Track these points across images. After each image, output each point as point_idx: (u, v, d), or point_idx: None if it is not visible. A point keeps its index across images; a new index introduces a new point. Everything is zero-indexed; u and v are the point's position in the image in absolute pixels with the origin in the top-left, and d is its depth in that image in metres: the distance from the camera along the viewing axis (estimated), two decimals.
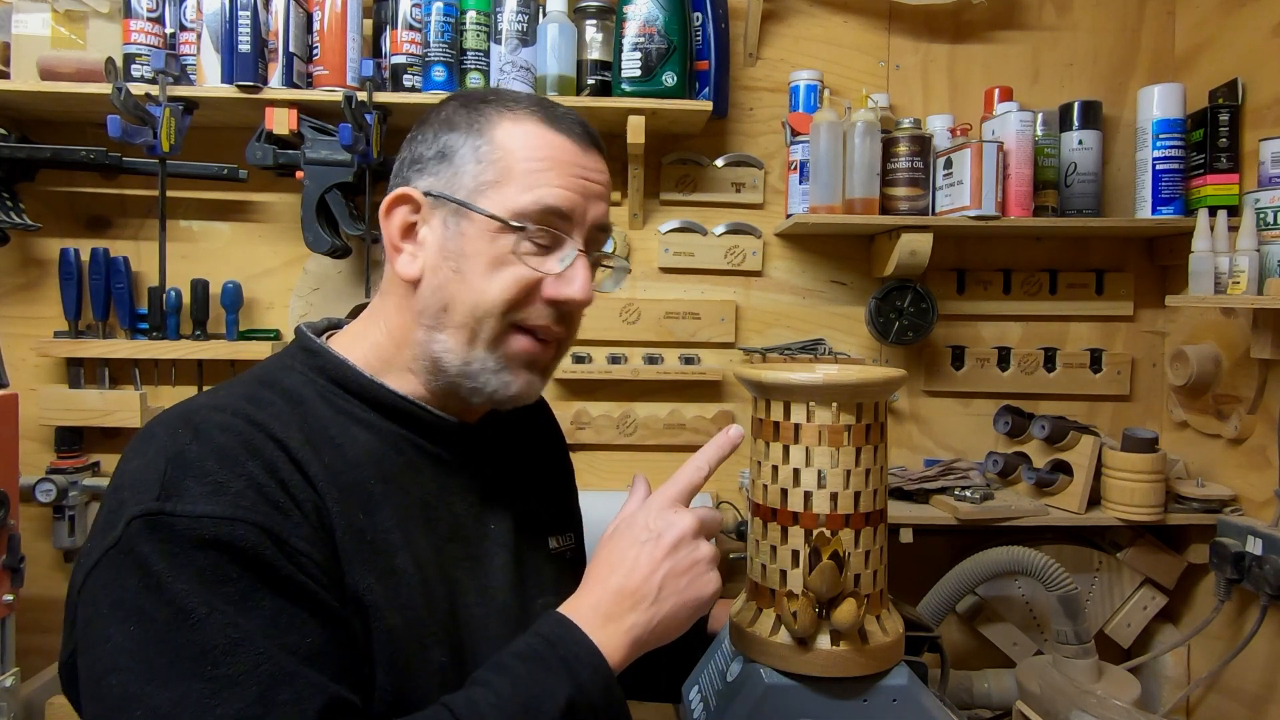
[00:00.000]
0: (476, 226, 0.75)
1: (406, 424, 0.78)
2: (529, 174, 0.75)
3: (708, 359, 1.69)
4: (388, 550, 0.71)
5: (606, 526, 0.78)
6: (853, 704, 0.81)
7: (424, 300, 0.77)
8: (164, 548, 0.60)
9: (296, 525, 0.64)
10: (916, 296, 1.66)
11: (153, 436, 0.66)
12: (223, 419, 0.67)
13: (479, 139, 0.76)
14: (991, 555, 1.46)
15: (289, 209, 1.63)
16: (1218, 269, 1.40)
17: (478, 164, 0.75)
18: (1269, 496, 1.45)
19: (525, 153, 0.75)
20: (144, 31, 1.48)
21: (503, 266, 0.75)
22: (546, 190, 0.75)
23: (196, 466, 0.63)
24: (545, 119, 0.77)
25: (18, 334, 1.59)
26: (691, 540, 0.74)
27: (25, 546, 1.36)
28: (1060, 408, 1.71)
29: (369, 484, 0.72)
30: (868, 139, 1.52)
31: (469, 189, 0.75)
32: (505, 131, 0.76)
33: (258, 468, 0.65)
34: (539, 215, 0.75)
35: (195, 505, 0.61)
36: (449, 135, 0.77)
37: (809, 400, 0.82)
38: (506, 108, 0.78)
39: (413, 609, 0.70)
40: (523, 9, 1.51)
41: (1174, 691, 1.60)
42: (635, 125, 1.51)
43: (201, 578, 0.59)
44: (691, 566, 0.73)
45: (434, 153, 0.77)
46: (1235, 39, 1.56)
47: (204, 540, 0.60)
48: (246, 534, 0.61)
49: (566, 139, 0.77)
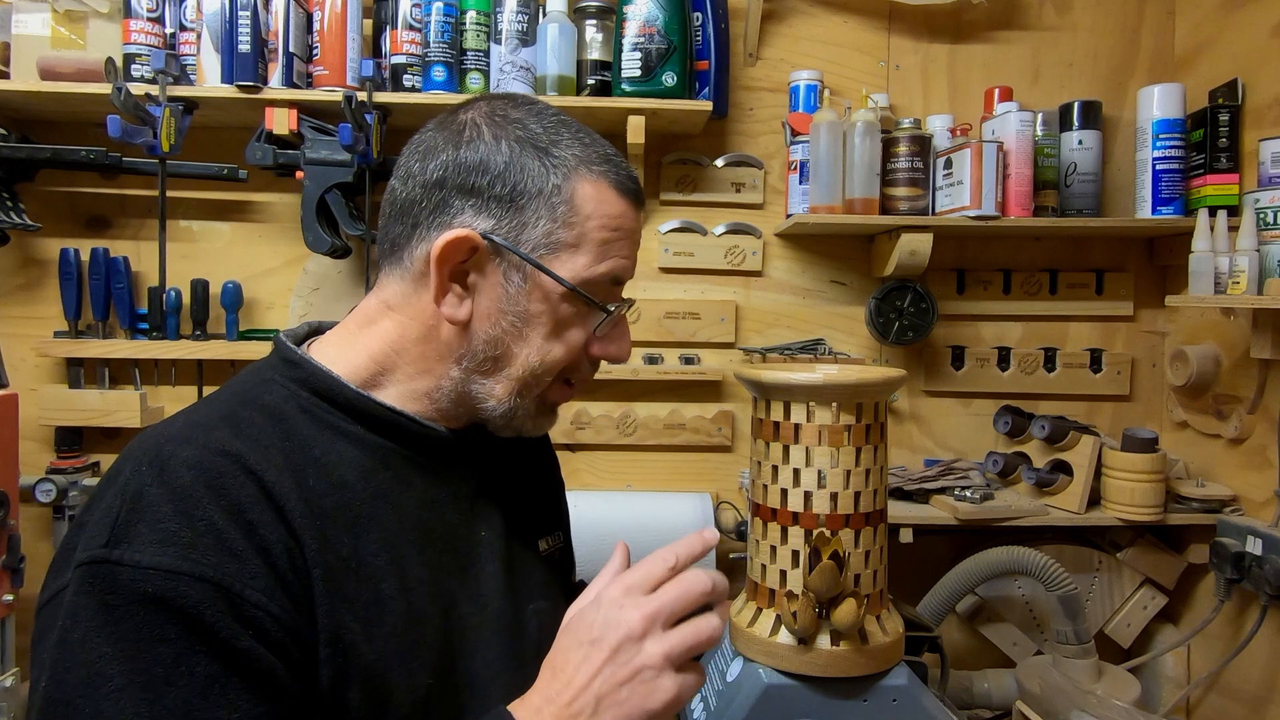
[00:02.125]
0: (542, 288, 0.74)
1: (394, 436, 0.75)
2: (603, 244, 0.75)
3: (708, 359, 1.69)
4: (373, 577, 0.69)
5: (578, 601, 0.74)
6: (853, 704, 0.81)
7: (473, 346, 0.75)
8: (104, 599, 0.59)
9: (254, 576, 0.62)
10: (916, 296, 1.66)
11: (118, 474, 0.65)
12: (191, 454, 0.64)
13: (557, 196, 0.73)
14: (991, 555, 1.46)
15: (289, 209, 1.63)
16: (1218, 269, 1.40)
17: (553, 222, 0.73)
18: (1269, 496, 1.45)
19: (601, 220, 0.75)
20: (144, 31, 1.48)
21: (566, 330, 0.76)
22: (617, 262, 0.76)
23: (151, 512, 0.61)
24: (618, 184, 0.76)
25: (18, 334, 1.59)
26: (635, 643, 0.67)
27: (25, 546, 1.36)
28: (1060, 408, 1.71)
29: (356, 505, 0.71)
30: (868, 139, 1.52)
31: (537, 244, 0.73)
32: (584, 193, 0.74)
33: (219, 511, 0.62)
34: (606, 287, 0.76)
35: (143, 555, 0.59)
36: (520, 178, 0.72)
37: (809, 400, 0.82)
38: (584, 164, 0.75)
39: (396, 637, 0.69)
40: (523, 9, 1.51)
41: (1174, 691, 1.60)
42: (635, 125, 1.51)
43: (137, 635, 0.58)
44: (635, 674, 0.66)
45: (500, 192, 0.72)
46: (1235, 39, 1.56)
47: (145, 596, 0.58)
48: (189, 591, 0.59)
49: (632, 207, 0.78)
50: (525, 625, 0.82)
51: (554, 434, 1.63)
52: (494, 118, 0.75)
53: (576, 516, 1.53)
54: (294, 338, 0.79)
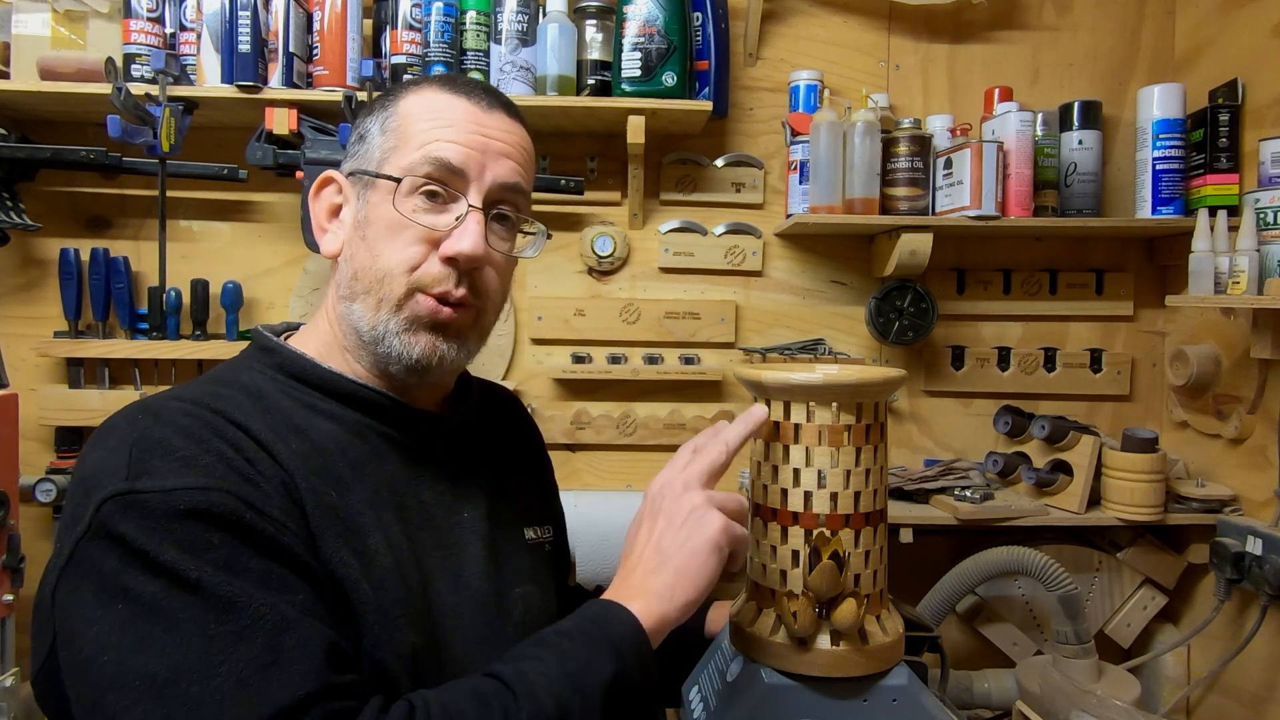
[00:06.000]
0: (379, 193, 0.77)
1: (368, 411, 0.77)
2: (422, 133, 0.77)
3: (708, 359, 1.69)
4: (360, 530, 0.70)
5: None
6: (853, 704, 0.81)
7: (340, 273, 0.79)
8: (141, 524, 0.58)
9: (268, 496, 0.64)
10: (916, 296, 1.66)
11: (112, 428, 0.66)
12: (183, 405, 0.67)
13: (385, 113, 0.79)
14: (991, 555, 1.46)
15: (289, 209, 1.63)
16: (1218, 269, 1.40)
17: (382, 135, 0.78)
18: (1269, 496, 1.45)
19: (421, 116, 0.77)
20: (144, 31, 1.48)
21: (401, 229, 0.76)
22: (435, 145, 0.76)
23: (162, 445, 0.62)
24: (445, 86, 0.80)
25: (18, 334, 1.59)
26: (679, 492, 0.74)
27: (25, 546, 1.36)
28: (1060, 408, 1.71)
29: (338, 468, 0.72)
30: (868, 139, 1.52)
31: (376, 160, 0.77)
32: (407, 102, 0.79)
33: (224, 444, 0.65)
34: (428, 169, 0.76)
35: (166, 480, 0.60)
36: (366, 119, 0.81)
37: (809, 400, 0.82)
38: (413, 83, 0.81)
39: (385, 588, 0.70)
40: (523, 9, 1.51)
41: (1174, 691, 1.60)
42: (635, 125, 1.51)
43: (184, 547, 0.58)
44: (688, 515, 0.72)
45: (355, 137, 0.81)
46: (1235, 39, 1.56)
47: (180, 512, 0.59)
48: (223, 500, 0.60)
49: (465, 100, 0.79)
50: (510, 609, 0.82)
51: (554, 434, 1.65)
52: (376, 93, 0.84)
53: (576, 516, 1.54)
54: (271, 331, 0.82)
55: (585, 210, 1.68)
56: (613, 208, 1.69)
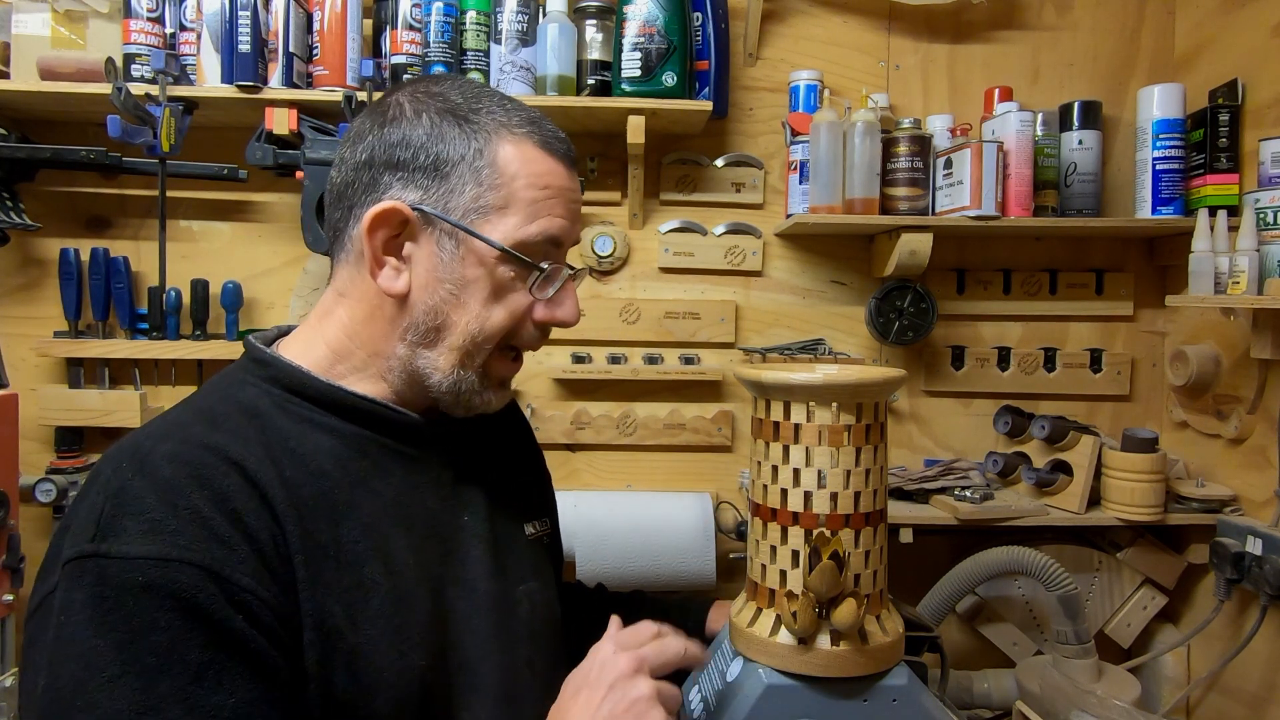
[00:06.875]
0: (476, 253, 0.74)
1: (368, 424, 0.76)
2: (533, 204, 0.75)
3: (708, 359, 1.69)
4: (354, 562, 0.70)
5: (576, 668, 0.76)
6: (853, 704, 0.81)
7: (414, 319, 0.76)
8: (94, 592, 0.59)
9: (242, 560, 0.62)
10: (916, 296, 1.66)
11: (99, 474, 0.65)
12: (171, 449, 0.65)
13: (479, 160, 0.74)
14: (991, 555, 1.46)
15: (289, 209, 1.63)
16: (1218, 269, 1.40)
17: (478, 186, 0.74)
18: (1269, 496, 1.45)
19: (528, 180, 0.75)
20: (144, 31, 1.48)
21: (505, 294, 0.76)
22: (550, 221, 0.76)
23: (135, 504, 0.61)
24: (543, 143, 0.77)
25: (18, 334, 1.59)
26: (628, 680, 0.71)
27: (25, 546, 1.37)
28: (1060, 408, 1.71)
29: (334, 493, 0.71)
30: (868, 139, 1.52)
31: (466, 210, 0.74)
32: (506, 155, 0.75)
33: (204, 500, 0.63)
34: (542, 247, 0.76)
35: (130, 546, 0.59)
36: (441, 147, 0.74)
37: (809, 400, 0.82)
38: (505, 127, 0.76)
39: (383, 619, 0.70)
40: (523, 9, 1.51)
41: (1174, 691, 1.60)
42: (635, 125, 1.51)
43: (129, 625, 0.58)
44: (631, 705, 0.69)
45: (424, 163, 0.74)
46: (1235, 39, 1.56)
47: (136, 585, 0.58)
48: (180, 576, 0.59)
49: (561, 165, 0.78)
50: (516, 606, 0.83)
51: (554, 434, 1.65)
52: (416, 95, 0.77)
53: (576, 516, 1.55)
54: (263, 339, 0.81)
55: (585, 210, 1.68)
56: (613, 208, 1.69)
